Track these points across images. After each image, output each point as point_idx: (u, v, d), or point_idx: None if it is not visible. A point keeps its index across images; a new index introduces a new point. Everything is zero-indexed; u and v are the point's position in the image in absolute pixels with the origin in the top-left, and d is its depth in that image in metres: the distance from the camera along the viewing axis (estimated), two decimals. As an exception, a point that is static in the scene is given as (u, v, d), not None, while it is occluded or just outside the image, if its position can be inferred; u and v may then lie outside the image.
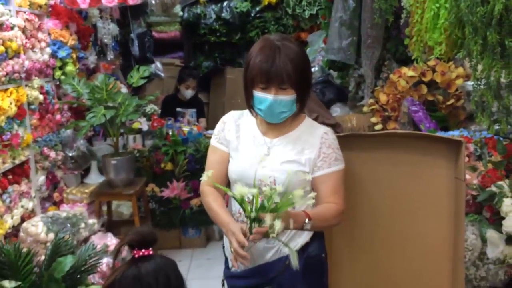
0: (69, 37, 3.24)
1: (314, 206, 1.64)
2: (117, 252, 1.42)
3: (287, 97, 1.56)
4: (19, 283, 1.69)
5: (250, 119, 1.72)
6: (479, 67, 1.65)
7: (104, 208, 3.46)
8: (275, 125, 1.64)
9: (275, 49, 1.53)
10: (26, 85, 2.78)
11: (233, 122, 1.73)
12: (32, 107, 2.85)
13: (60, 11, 3.22)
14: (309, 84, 1.64)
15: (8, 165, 2.57)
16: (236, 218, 1.62)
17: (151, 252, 1.28)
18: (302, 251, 1.62)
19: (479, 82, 1.69)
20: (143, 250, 1.28)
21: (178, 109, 4.62)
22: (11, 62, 2.58)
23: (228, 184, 1.72)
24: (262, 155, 1.62)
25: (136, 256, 1.24)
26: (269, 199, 1.41)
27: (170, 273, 1.26)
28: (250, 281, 1.65)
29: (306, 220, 1.51)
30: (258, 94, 1.57)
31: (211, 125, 4.37)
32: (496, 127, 1.93)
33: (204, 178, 1.57)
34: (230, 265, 1.70)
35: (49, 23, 3.16)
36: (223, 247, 1.78)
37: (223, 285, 1.76)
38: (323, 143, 1.64)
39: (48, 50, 3.07)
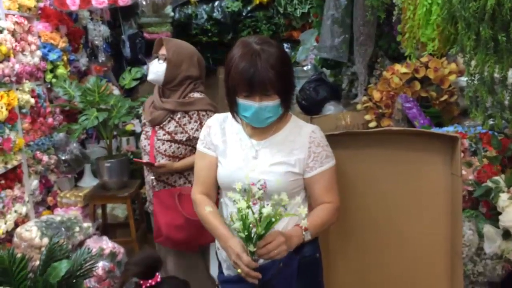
0: (59, 40, 3.22)
1: (308, 206, 1.66)
2: (121, 285, 1.37)
3: (272, 102, 1.54)
4: (13, 289, 1.67)
5: (235, 122, 1.70)
6: (473, 62, 1.65)
7: (99, 211, 3.44)
8: (261, 128, 1.63)
9: (256, 56, 1.50)
10: (17, 89, 2.76)
11: (218, 126, 1.71)
12: (24, 111, 2.82)
13: (50, 13, 3.19)
14: (292, 85, 1.62)
15: (0, 170, 2.54)
16: (228, 223, 1.60)
17: (159, 280, 1.22)
18: (296, 252, 1.60)
19: (473, 78, 1.69)
20: (149, 281, 1.22)
21: None
22: (1, 65, 2.55)
23: (218, 188, 1.72)
24: (250, 158, 1.61)
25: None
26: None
27: None
28: (245, 285, 1.63)
29: (303, 232, 1.54)
30: (242, 101, 1.55)
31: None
32: (491, 122, 1.92)
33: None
34: (224, 270, 1.70)
35: (39, 26, 3.13)
36: (216, 252, 1.77)
37: None
38: (312, 142, 1.63)
39: (39, 53, 3.04)
